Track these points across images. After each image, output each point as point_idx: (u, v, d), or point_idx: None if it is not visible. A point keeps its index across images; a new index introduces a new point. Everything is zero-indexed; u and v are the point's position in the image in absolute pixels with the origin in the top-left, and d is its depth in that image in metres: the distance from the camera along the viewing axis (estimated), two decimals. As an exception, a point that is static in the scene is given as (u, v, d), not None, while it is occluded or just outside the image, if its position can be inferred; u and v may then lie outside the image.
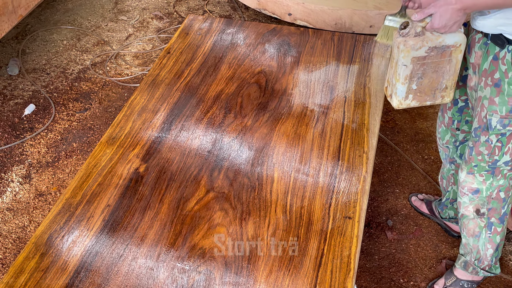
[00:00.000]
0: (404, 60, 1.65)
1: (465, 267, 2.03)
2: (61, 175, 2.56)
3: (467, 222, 1.96)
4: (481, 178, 1.83)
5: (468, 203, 1.91)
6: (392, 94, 1.76)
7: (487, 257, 1.99)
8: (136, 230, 1.62)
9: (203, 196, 1.73)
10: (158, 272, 1.51)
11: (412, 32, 1.62)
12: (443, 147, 2.10)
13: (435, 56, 1.66)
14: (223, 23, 2.54)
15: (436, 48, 1.65)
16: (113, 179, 1.77)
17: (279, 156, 1.86)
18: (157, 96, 2.11)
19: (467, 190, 1.88)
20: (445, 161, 2.13)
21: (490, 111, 1.69)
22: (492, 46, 1.64)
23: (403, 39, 1.64)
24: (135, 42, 3.49)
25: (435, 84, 1.73)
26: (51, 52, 3.37)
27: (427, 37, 1.64)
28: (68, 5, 3.83)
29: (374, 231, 2.30)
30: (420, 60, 1.66)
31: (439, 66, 1.69)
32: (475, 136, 1.78)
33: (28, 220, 2.36)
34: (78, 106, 2.97)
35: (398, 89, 1.72)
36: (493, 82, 1.66)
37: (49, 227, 1.63)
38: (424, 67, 1.68)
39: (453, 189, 2.16)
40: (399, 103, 1.76)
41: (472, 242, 1.98)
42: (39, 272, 1.51)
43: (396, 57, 1.67)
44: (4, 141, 2.74)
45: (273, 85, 2.17)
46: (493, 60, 1.64)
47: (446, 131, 2.03)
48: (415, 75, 1.68)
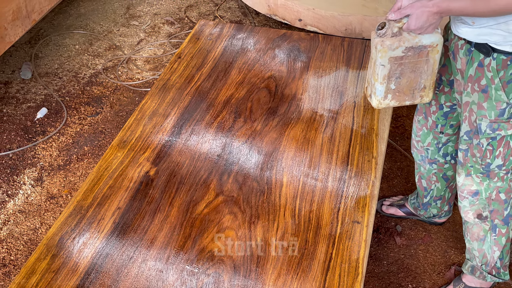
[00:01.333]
0: (382, 60, 1.67)
1: (472, 272, 2.03)
2: (72, 178, 2.59)
3: (471, 227, 1.96)
4: (478, 180, 1.84)
5: (469, 207, 1.90)
6: (372, 94, 1.79)
7: (494, 260, 1.99)
8: (146, 232, 1.64)
9: (212, 199, 1.74)
10: (167, 275, 1.52)
11: (389, 33, 1.65)
12: (421, 150, 2.10)
13: (412, 56, 1.69)
14: (234, 29, 2.56)
15: (413, 48, 1.67)
16: (123, 182, 1.79)
17: (288, 160, 1.87)
18: (168, 100, 2.13)
19: (466, 193, 1.88)
20: (422, 162, 2.13)
21: (479, 115, 1.70)
22: (477, 53, 1.64)
23: (380, 39, 1.66)
24: (147, 47, 3.52)
25: (413, 84, 1.75)
26: (63, 56, 3.41)
27: (404, 37, 1.66)
28: (80, 10, 3.87)
29: (383, 236, 2.30)
30: (398, 60, 1.69)
31: (416, 66, 1.71)
32: (468, 139, 1.79)
33: (39, 222, 2.39)
34: (90, 110, 3.00)
35: (377, 89, 1.75)
36: (480, 88, 1.67)
37: (60, 229, 1.65)
38: (402, 67, 1.70)
39: (437, 187, 2.16)
40: (379, 103, 1.79)
41: (477, 246, 1.98)
42: (50, 273, 1.53)
43: (374, 57, 1.70)
44: (16, 144, 2.77)
45: (283, 90, 2.18)
46: (478, 67, 1.65)
47: (428, 133, 2.03)
48: (393, 74, 1.70)
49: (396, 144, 2.72)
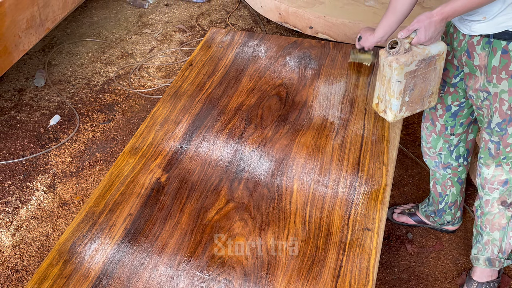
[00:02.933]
0: (398, 77, 1.72)
1: (491, 264, 2.04)
2: (84, 185, 2.61)
3: (492, 218, 1.98)
4: (508, 167, 1.87)
5: (498, 197, 1.93)
6: (387, 109, 1.83)
7: (511, 246, 2.02)
8: (157, 239, 1.64)
9: (223, 206, 1.75)
10: (178, 281, 1.53)
11: (402, 50, 1.70)
12: (434, 156, 2.11)
13: (424, 67, 1.74)
14: (245, 36, 2.57)
15: (424, 60, 1.73)
16: (135, 189, 1.80)
17: (298, 167, 1.88)
18: (179, 107, 2.14)
19: (497, 184, 1.91)
20: (436, 168, 2.14)
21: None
22: (498, 42, 1.68)
23: (394, 57, 1.71)
24: (158, 54, 3.55)
25: (424, 92, 1.80)
26: (76, 64, 3.44)
27: (415, 51, 1.71)
28: (93, 18, 3.91)
29: (394, 244, 2.30)
30: (412, 73, 1.74)
31: (426, 76, 1.77)
32: (500, 131, 1.80)
33: (52, 228, 2.41)
34: (102, 117, 3.02)
35: (393, 104, 1.79)
36: (509, 74, 1.69)
37: (72, 235, 1.66)
38: (415, 79, 1.75)
39: (452, 192, 2.18)
40: (395, 117, 1.84)
41: (498, 235, 2.00)
42: (62, 279, 1.54)
43: (388, 75, 1.74)
44: (29, 150, 2.80)
45: (294, 97, 2.19)
46: (502, 54, 1.68)
47: (438, 138, 2.05)
48: (407, 88, 1.75)
49: (408, 151, 2.72)
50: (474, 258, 2.07)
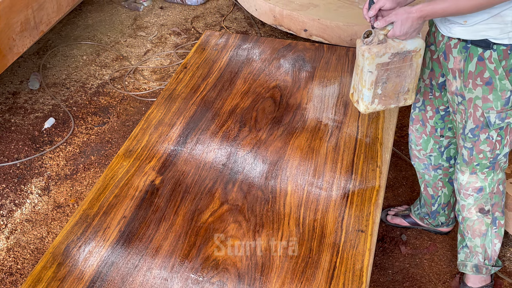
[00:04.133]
0: (369, 67, 1.71)
1: (478, 271, 2.04)
2: (79, 188, 2.61)
3: (472, 224, 1.98)
4: (483, 176, 1.88)
5: (473, 203, 1.94)
6: (359, 99, 1.83)
7: (496, 253, 2.02)
8: (151, 241, 1.65)
9: (217, 208, 1.75)
10: (172, 283, 1.53)
11: (376, 40, 1.69)
12: (423, 158, 2.11)
13: (398, 61, 1.73)
14: (239, 39, 2.58)
15: (398, 54, 1.72)
16: (129, 191, 1.81)
17: (292, 169, 1.88)
18: (174, 110, 2.15)
19: (471, 191, 1.91)
20: (426, 170, 2.14)
21: (485, 109, 1.73)
22: (474, 49, 1.68)
23: (367, 47, 1.70)
24: (153, 57, 3.55)
25: (398, 87, 1.79)
26: (71, 67, 3.44)
27: (389, 44, 1.70)
28: (88, 21, 3.91)
29: (388, 246, 2.30)
30: (384, 66, 1.73)
31: (401, 71, 1.76)
32: (473, 137, 1.81)
33: (46, 231, 2.40)
34: (97, 120, 3.02)
35: (365, 95, 1.79)
36: (483, 82, 1.70)
37: (66, 237, 1.67)
38: (388, 72, 1.74)
39: (444, 193, 2.18)
40: (366, 108, 1.82)
41: (479, 242, 2.00)
42: (56, 282, 1.54)
43: (361, 64, 1.74)
44: (24, 153, 2.80)
45: (288, 99, 2.19)
46: (478, 61, 1.68)
47: (429, 139, 2.05)
48: (380, 80, 1.75)
49: (401, 154, 2.72)
50: (461, 264, 2.08)
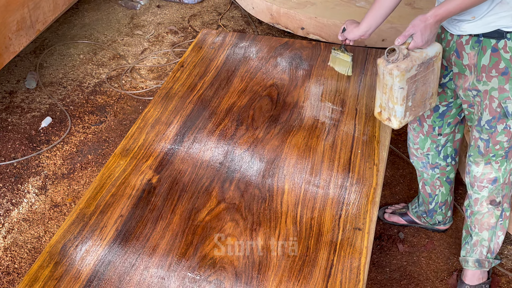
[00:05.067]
0: (400, 83, 1.72)
1: (480, 265, 2.06)
2: (76, 187, 2.60)
3: (481, 217, 1.99)
4: (497, 165, 1.88)
5: (487, 195, 1.94)
6: (391, 117, 1.83)
7: (499, 245, 2.04)
8: (148, 240, 1.64)
9: (214, 207, 1.75)
10: (169, 282, 1.53)
11: (401, 56, 1.69)
12: (421, 157, 2.12)
13: (423, 70, 1.75)
14: (236, 37, 2.58)
15: (423, 63, 1.72)
16: (126, 190, 1.80)
17: (290, 167, 1.88)
18: (171, 108, 2.14)
19: (486, 183, 1.92)
20: (424, 169, 2.15)
21: (502, 99, 1.74)
22: (487, 41, 1.69)
23: (394, 64, 1.70)
24: (150, 56, 3.54)
25: (425, 95, 1.81)
26: (68, 66, 3.44)
27: (413, 56, 1.71)
28: (85, 20, 3.91)
29: (386, 244, 2.30)
30: (412, 78, 1.74)
31: (426, 78, 1.77)
32: (490, 128, 1.81)
33: (43, 230, 2.40)
34: (94, 119, 3.02)
35: (397, 111, 1.79)
36: (499, 72, 1.71)
37: (63, 236, 1.66)
38: (416, 83, 1.76)
39: (441, 191, 2.19)
40: (400, 123, 1.83)
41: (487, 235, 2.02)
42: (53, 281, 1.54)
43: (389, 83, 1.74)
44: (21, 153, 2.79)
45: (285, 98, 2.19)
46: (492, 53, 1.70)
47: (426, 139, 2.06)
48: (410, 93, 1.76)
49: (399, 152, 2.73)
50: (463, 260, 2.08)
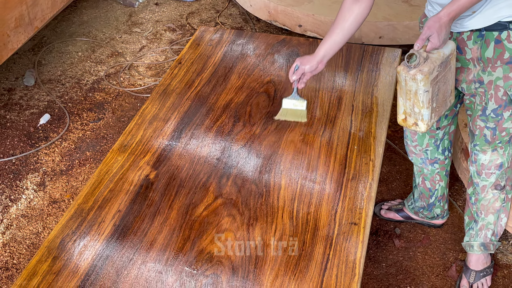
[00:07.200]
0: (425, 87, 1.71)
1: (486, 249, 2.09)
2: (74, 183, 2.62)
3: (487, 203, 2.03)
4: (502, 151, 1.92)
5: (494, 181, 1.98)
6: (418, 121, 1.81)
7: (502, 228, 2.08)
8: (145, 235, 1.66)
9: (211, 202, 1.76)
10: (166, 276, 1.54)
11: (422, 60, 1.68)
12: (420, 153, 2.13)
13: (443, 70, 1.74)
14: (234, 34, 2.59)
15: (442, 63, 1.72)
16: (124, 186, 1.82)
17: (286, 163, 1.89)
18: (168, 105, 2.16)
19: (494, 169, 1.95)
20: (423, 164, 2.16)
21: (507, 87, 1.77)
22: (490, 34, 1.72)
23: (417, 69, 1.69)
24: (148, 53, 3.55)
25: (445, 94, 1.81)
26: (66, 63, 3.45)
27: (432, 58, 1.70)
28: (83, 17, 3.92)
29: (382, 239, 2.32)
30: (435, 79, 1.74)
31: (445, 77, 1.77)
32: (496, 116, 1.84)
33: (42, 226, 2.41)
34: (92, 116, 3.03)
35: (424, 115, 1.78)
36: (504, 62, 1.74)
37: (61, 231, 1.68)
38: (438, 84, 1.76)
39: (441, 186, 2.21)
40: (427, 126, 1.81)
41: (493, 219, 2.05)
42: (51, 275, 1.55)
43: (414, 88, 1.72)
44: (19, 149, 2.81)
45: (282, 94, 2.20)
46: (496, 44, 1.72)
47: (424, 135, 2.07)
48: (434, 95, 1.76)
49: (396, 147, 2.74)
50: (468, 245, 2.10)
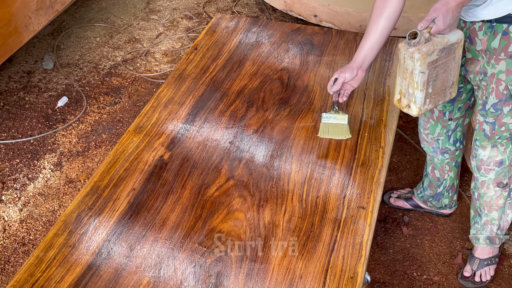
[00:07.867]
0: (421, 67, 1.71)
1: (491, 242, 2.12)
2: (90, 164, 2.68)
3: (489, 200, 2.05)
4: (502, 148, 1.93)
5: (493, 178, 1.99)
6: (410, 103, 1.79)
7: (509, 222, 2.11)
8: (158, 213, 1.71)
9: (223, 183, 1.81)
10: (177, 252, 1.59)
11: (423, 40, 1.69)
12: (431, 142, 2.16)
13: (444, 56, 1.73)
14: (249, 22, 2.63)
15: (444, 49, 1.71)
16: (139, 165, 1.87)
17: (297, 148, 1.93)
18: (183, 89, 2.20)
19: (493, 165, 1.97)
20: (434, 153, 2.19)
21: (509, 81, 1.78)
22: (499, 26, 1.74)
23: (416, 48, 1.69)
24: (165, 40, 3.60)
25: (445, 83, 1.79)
26: (84, 48, 3.50)
27: (435, 41, 1.70)
28: (102, 4, 3.97)
29: (390, 226, 2.35)
30: (433, 63, 1.73)
31: (447, 65, 1.76)
32: (495, 111, 1.85)
33: (58, 204, 2.48)
34: (109, 100, 3.09)
35: (417, 97, 1.77)
36: (507, 55, 1.75)
37: (77, 207, 1.73)
38: (437, 69, 1.74)
39: (450, 176, 2.23)
40: (419, 110, 1.80)
41: (497, 215, 2.07)
42: (67, 248, 1.61)
43: (410, 67, 1.72)
44: (37, 130, 2.87)
45: (295, 81, 2.24)
46: (502, 36, 1.74)
47: (436, 124, 2.10)
48: (430, 79, 1.74)
49: (407, 137, 2.77)
50: (474, 237, 2.13)
